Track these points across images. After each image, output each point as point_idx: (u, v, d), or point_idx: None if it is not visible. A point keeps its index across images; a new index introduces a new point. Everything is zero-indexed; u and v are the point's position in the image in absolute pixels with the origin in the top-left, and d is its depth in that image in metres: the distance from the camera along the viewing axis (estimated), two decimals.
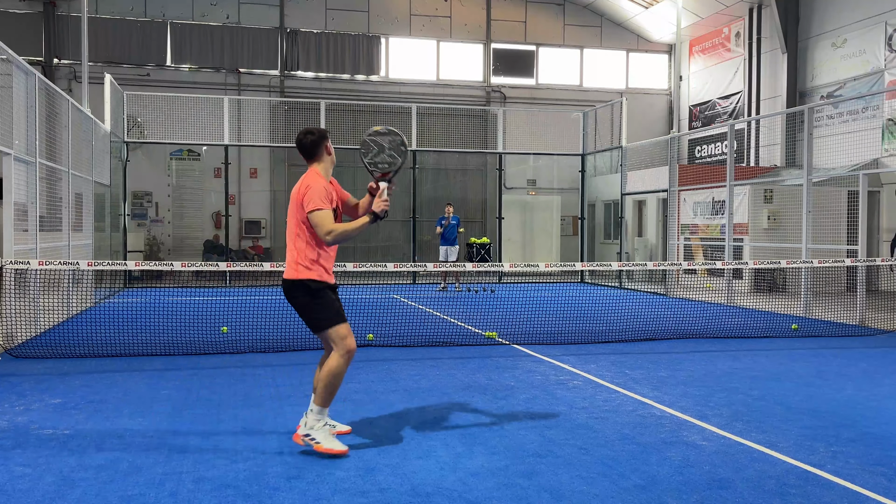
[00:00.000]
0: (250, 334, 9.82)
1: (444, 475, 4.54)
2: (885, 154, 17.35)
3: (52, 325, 10.40)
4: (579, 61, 25.14)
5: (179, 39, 22.47)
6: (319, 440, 4.86)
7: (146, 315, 11.93)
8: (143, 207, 21.77)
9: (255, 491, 4.25)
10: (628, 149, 19.37)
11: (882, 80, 17.82)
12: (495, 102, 24.13)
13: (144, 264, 9.49)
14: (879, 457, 4.96)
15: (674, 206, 16.91)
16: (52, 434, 5.35)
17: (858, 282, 11.80)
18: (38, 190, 9.97)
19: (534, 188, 24.04)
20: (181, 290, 16.56)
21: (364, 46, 23.61)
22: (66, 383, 7.04)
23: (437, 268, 10.65)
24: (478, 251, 17.46)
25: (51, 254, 10.58)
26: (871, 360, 8.64)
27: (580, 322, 11.29)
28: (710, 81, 23.89)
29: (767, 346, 9.67)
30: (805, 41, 20.37)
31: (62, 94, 11.74)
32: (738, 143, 21.72)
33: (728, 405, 6.35)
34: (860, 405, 6.41)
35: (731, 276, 15.14)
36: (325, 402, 4.93)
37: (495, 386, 7.09)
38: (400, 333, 10.06)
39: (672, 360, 8.49)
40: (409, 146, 5.01)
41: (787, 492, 4.31)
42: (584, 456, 4.94)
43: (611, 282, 19.62)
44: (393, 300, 15.00)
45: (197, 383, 7.09)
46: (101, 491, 4.23)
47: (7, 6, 21.25)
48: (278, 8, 22.95)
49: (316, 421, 4.91)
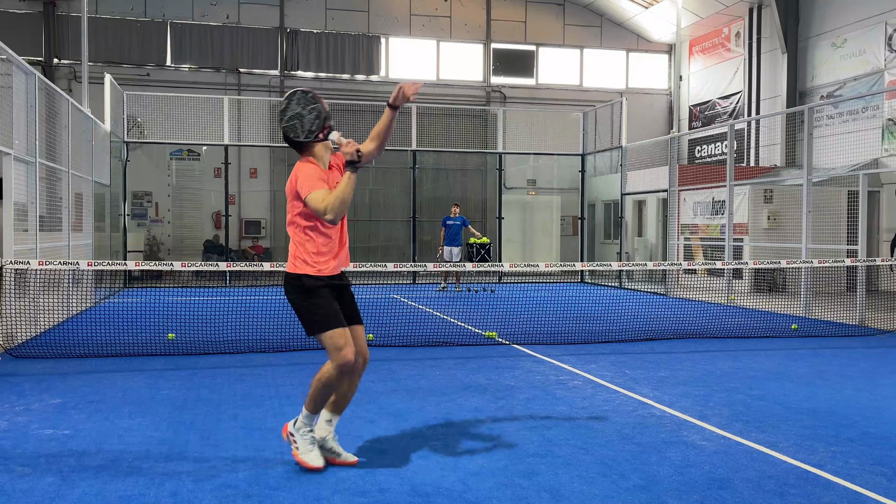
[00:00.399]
0: (250, 334, 9.82)
1: (444, 475, 4.54)
2: (885, 154, 17.35)
3: (52, 325, 10.40)
4: (579, 61, 25.14)
5: (179, 39, 22.47)
6: (299, 446, 4.62)
7: (146, 315, 11.93)
8: (143, 207, 21.77)
9: (255, 491, 4.25)
10: (628, 149, 19.37)
11: (882, 80, 17.82)
12: (495, 102, 24.13)
13: (144, 264, 9.49)
14: (879, 457, 4.96)
15: (674, 206, 16.92)
16: (52, 434, 5.35)
17: (858, 282, 11.80)
18: (38, 190, 9.97)
19: (534, 188, 24.04)
20: (181, 290, 16.56)
21: (364, 46, 23.61)
22: (66, 383, 7.04)
23: (438, 268, 10.65)
24: (478, 251, 17.46)
25: (51, 254, 10.58)
26: (871, 360, 8.65)
27: (580, 322, 11.29)
28: (710, 81, 23.89)
29: (767, 346, 9.67)
30: (805, 41, 20.37)
31: (62, 94, 11.75)
32: (738, 143, 21.72)
33: (728, 405, 6.35)
34: (860, 405, 6.41)
35: (731, 276, 15.14)
36: (312, 408, 4.62)
37: (495, 386, 7.09)
38: (400, 333, 10.06)
39: (672, 360, 8.49)
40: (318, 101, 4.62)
41: (787, 492, 4.31)
42: (584, 456, 4.94)
43: (611, 282, 19.62)
44: (393, 300, 15.00)
45: (197, 383, 7.09)
46: (101, 491, 4.23)
47: (7, 6, 21.25)
48: (278, 8, 22.95)
49: (304, 425, 4.65)
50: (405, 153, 19.83)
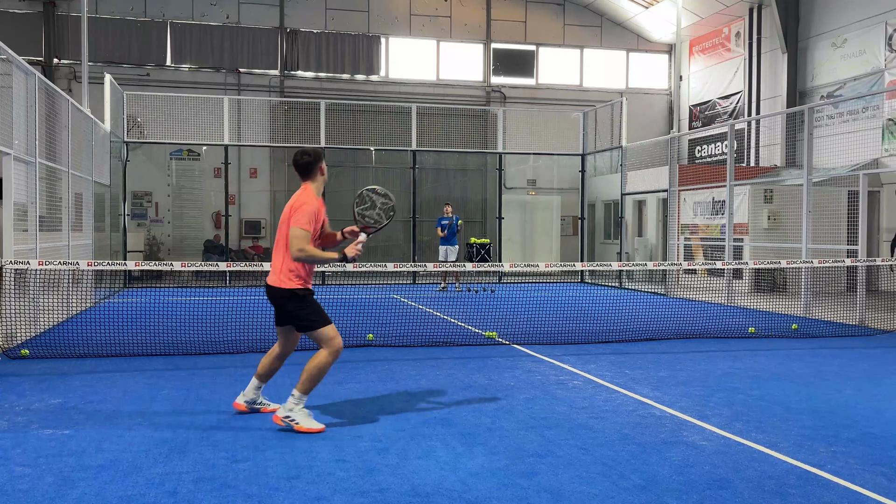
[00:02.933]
0: (250, 334, 9.82)
1: (444, 475, 4.54)
2: (885, 154, 17.34)
3: (52, 325, 10.40)
4: (579, 61, 25.14)
5: (179, 39, 22.47)
6: (299, 420, 5.39)
7: (146, 315, 11.93)
8: (142, 207, 21.76)
9: (255, 491, 4.25)
10: (628, 149, 19.37)
11: (882, 80, 17.82)
12: (495, 102, 24.12)
13: (144, 264, 9.48)
14: (879, 457, 4.96)
15: (674, 206, 16.91)
16: (52, 434, 5.35)
17: (858, 282, 11.79)
18: (38, 190, 9.96)
19: (534, 188, 24.04)
20: (181, 290, 16.56)
21: (364, 46, 23.61)
22: (66, 383, 7.04)
23: (438, 268, 10.65)
24: (478, 251, 17.45)
25: (51, 254, 10.57)
26: (871, 360, 8.64)
27: (580, 322, 11.29)
28: (710, 81, 23.89)
29: (767, 346, 9.67)
30: (805, 41, 20.37)
31: (62, 94, 11.74)
32: (738, 143, 21.72)
33: (728, 405, 6.35)
34: (860, 405, 6.41)
35: (731, 276, 15.14)
36: (307, 390, 5.45)
37: (495, 386, 7.09)
38: (400, 333, 10.06)
39: (672, 360, 8.49)
40: (395, 213, 5.97)
41: (787, 492, 4.30)
42: (584, 456, 4.94)
43: (611, 282, 19.61)
44: (393, 300, 15.00)
45: (196, 383, 7.09)
46: (101, 491, 4.23)
47: (7, 6, 21.24)
48: (278, 8, 22.95)
49: (295, 405, 5.42)
50: (405, 153, 19.82)
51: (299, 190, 5.64)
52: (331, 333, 5.49)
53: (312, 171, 5.63)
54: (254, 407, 5.90)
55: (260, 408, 5.91)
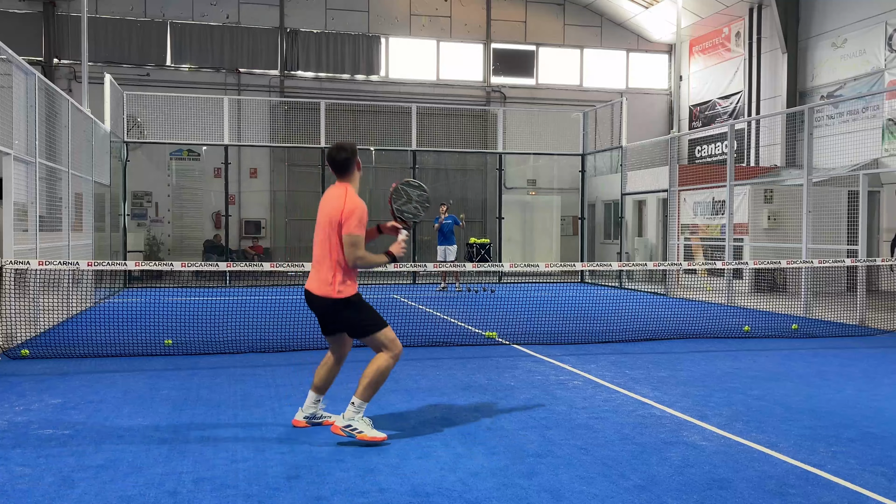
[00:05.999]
0: (250, 334, 9.82)
1: (444, 475, 4.54)
2: (885, 154, 17.35)
3: (52, 325, 10.40)
4: (579, 61, 25.14)
5: (179, 39, 22.47)
6: (362, 430, 5.12)
7: (146, 315, 11.92)
8: (142, 207, 21.77)
9: (255, 491, 4.25)
10: (628, 149, 19.36)
11: (882, 80, 17.81)
12: (495, 102, 24.13)
13: (144, 264, 9.49)
14: (879, 457, 4.96)
15: (674, 206, 16.91)
16: (52, 434, 5.35)
17: (858, 282, 11.79)
18: (38, 190, 9.96)
19: (534, 188, 24.03)
20: (181, 290, 16.55)
21: (364, 46, 23.61)
22: (66, 383, 7.04)
23: (437, 268, 10.64)
24: (478, 251, 17.44)
25: (51, 254, 10.57)
26: (871, 360, 8.64)
27: (580, 322, 11.28)
28: (710, 81, 23.89)
29: (767, 346, 9.67)
30: (805, 41, 20.37)
31: (62, 94, 11.74)
32: (738, 143, 21.72)
33: (728, 405, 6.35)
34: (860, 405, 6.41)
35: (732, 276, 15.13)
36: (369, 397, 5.20)
37: (495, 386, 7.09)
38: (400, 333, 9.99)
39: (672, 360, 8.49)
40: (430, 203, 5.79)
41: (787, 492, 4.30)
42: (584, 456, 4.94)
43: (611, 282, 19.61)
44: (393, 300, 14.99)
45: (196, 383, 7.09)
46: (101, 491, 4.23)
47: (7, 6, 21.24)
48: (278, 8, 22.95)
49: (355, 413, 5.14)
50: (405, 153, 19.83)
51: (337, 189, 5.25)
52: (390, 336, 5.26)
53: (350, 168, 5.28)
54: (314, 422, 5.55)
55: (321, 421, 5.55)
